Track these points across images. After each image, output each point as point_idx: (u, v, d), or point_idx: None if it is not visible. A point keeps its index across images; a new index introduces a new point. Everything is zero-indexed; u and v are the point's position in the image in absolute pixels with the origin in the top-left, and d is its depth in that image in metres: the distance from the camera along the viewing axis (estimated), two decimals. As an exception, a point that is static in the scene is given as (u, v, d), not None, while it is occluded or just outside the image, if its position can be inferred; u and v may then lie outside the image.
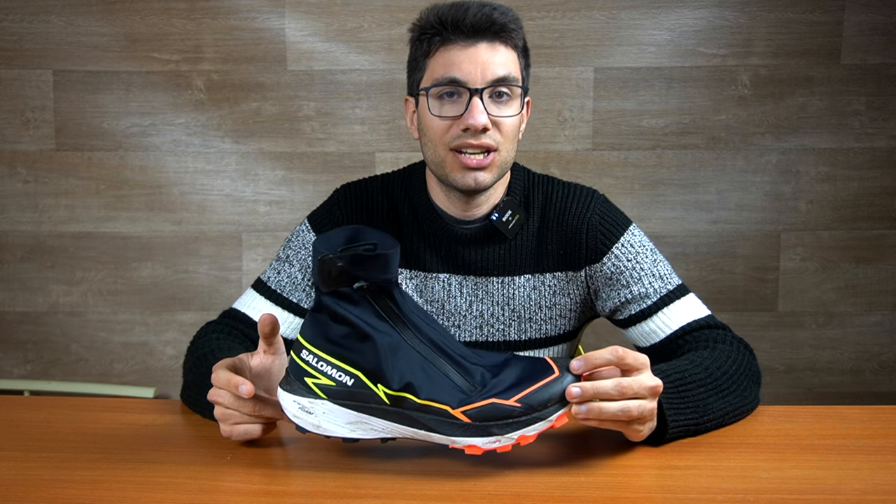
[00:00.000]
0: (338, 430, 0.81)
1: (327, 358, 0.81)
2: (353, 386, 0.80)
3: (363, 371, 0.80)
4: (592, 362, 0.82)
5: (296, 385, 0.82)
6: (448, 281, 1.17)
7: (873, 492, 0.78)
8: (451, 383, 0.79)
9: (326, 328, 0.81)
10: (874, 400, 2.27)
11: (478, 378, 0.80)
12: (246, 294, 1.21)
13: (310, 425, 0.82)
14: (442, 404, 0.78)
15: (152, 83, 2.23)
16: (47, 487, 0.79)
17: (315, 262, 0.80)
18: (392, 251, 0.80)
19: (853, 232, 2.26)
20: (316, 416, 0.81)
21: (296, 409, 0.82)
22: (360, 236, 0.82)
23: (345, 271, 0.79)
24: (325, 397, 0.81)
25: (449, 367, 0.80)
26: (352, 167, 2.26)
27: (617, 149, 2.24)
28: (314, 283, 0.81)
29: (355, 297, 0.80)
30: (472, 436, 0.77)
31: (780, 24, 2.18)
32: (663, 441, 0.89)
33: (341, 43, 2.22)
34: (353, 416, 0.80)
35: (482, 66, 1.05)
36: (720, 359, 1.00)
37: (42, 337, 2.33)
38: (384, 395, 0.79)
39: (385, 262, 0.79)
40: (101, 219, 2.29)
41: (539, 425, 0.78)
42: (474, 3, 1.07)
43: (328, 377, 0.80)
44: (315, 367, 0.81)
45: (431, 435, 0.79)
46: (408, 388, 0.79)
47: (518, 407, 0.77)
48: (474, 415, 0.77)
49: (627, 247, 1.16)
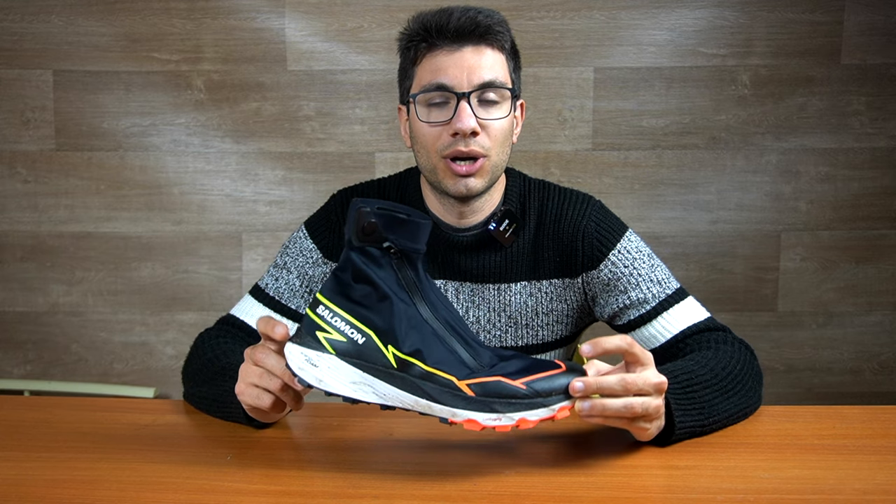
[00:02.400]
0: (340, 387, 0.81)
1: (343, 314, 0.82)
2: (363, 345, 0.81)
3: (376, 331, 0.81)
4: (603, 347, 0.82)
5: (306, 339, 0.83)
6: (444, 287, 1.17)
7: (873, 492, 0.78)
8: (459, 358, 0.80)
9: (347, 287, 0.82)
10: (874, 400, 2.27)
11: (486, 360, 0.81)
12: (243, 301, 1.21)
13: (313, 378, 0.81)
14: (448, 374, 0.79)
15: (152, 83, 2.23)
16: (47, 487, 0.79)
17: (351, 213, 0.82)
18: (424, 222, 0.82)
19: (853, 232, 2.26)
20: (321, 369, 0.81)
21: (301, 360, 0.82)
22: (396, 206, 0.84)
23: (376, 229, 0.80)
24: (333, 352, 0.81)
25: (459, 346, 0.81)
26: (352, 167, 2.26)
27: (617, 149, 2.24)
28: (346, 237, 0.83)
29: (381, 260, 0.82)
30: (474, 409, 0.78)
31: (780, 24, 2.18)
32: (670, 442, 0.89)
33: (341, 43, 2.22)
34: (357, 376, 0.81)
35: (468, 71, 1.05)
36: (724, 360, 1.00)
37: (42, 337, 2.33)
38: (393, 357, 0.80)
39: (415, 231, 0.81)
40: (101, 219, 2.29)
41: (541, 412, 0.78)
42: (458, 8, 1.06)
43: (340, 332, 0.81)
44: (329, 321, 0.82)
45: (433, 406, 0.79)
46: (417, 353, 0.79)
47: (523, 389, 0.78)
48: (479, 389, 0.78)
49: (624, 253, 1.15)
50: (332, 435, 0.95)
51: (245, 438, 0.93)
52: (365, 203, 0.82)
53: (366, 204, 0.81)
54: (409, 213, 0.82)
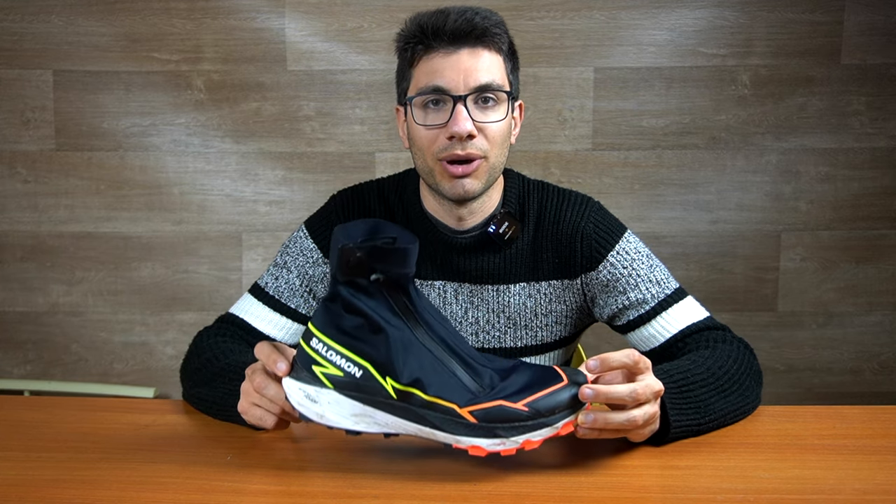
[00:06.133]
0: (342, 421, 0.80)
1: (337, 348, 0.80)
2: (361, 378, 0.79)
3: (373, 363, 0.79)
4: (609, 364, 0.82)
5: (303, 373, 0.82)
6: (444, 288, 1.17)
7: (873, 492, 0.78)
8: (460, 383, 0.79)
9: (339, 318, 0.80)
10: (874, 400, 2.27)
11: (486, 380, 0.80)
12: (243, 299, 1.20)
13: (314, 414, 0.81)
14: (449, 402, 0.78)
15: (152, 83, 2.23)
16: (47, 487, 0.79)
17: (334, 250, 0.80)
18: (411, 246, 0.80)
19: (853, 232, 2.26)
20: (321, 405, 0.80)
21: (301, 396, 0.81)
22: (380, 229, 0.82)
23: (363, 262, 0.78)
24: (331, 387, 0.80)
25: (458, 367, 0.80)
26: (352, 167, 2.26)
27: (617, 149, 2.24)
28: (331, 272, 0.81)
29: (371, 289, 0.80)
30: (477, 436, 0.77)
31: (780, 24, 2.18)
32: (665, 441, 0.89)
33: (341, 43, 2.22)
34: (358, 409, 0.80)
35: (465, 73, 1.04)
36: (721, 359, 1.00)
37: (42, 337, 2.33)
38: (392, 389, 0.79)
39: (403, 257, 0.79)
40: (101, 219, 2.29)
41: (545, 431, 0.78)
42: (455, 9, 1.05)
43: (336, 367, 0.80)
44: (324, 356, 0.81)
45: (436, 433, 0.79)
46: (416, 383, 0.78)
47: (525, 411, 0.77)
48: (481, 415, 0.77)
49: (623, 254, 1.15)
50: (332, 435, 0.94)
51: (245, 438, 0.93)
52: (347, 237, 0.80)
53: (348, 238, 0.80)
54: (394, 238, 0.81)
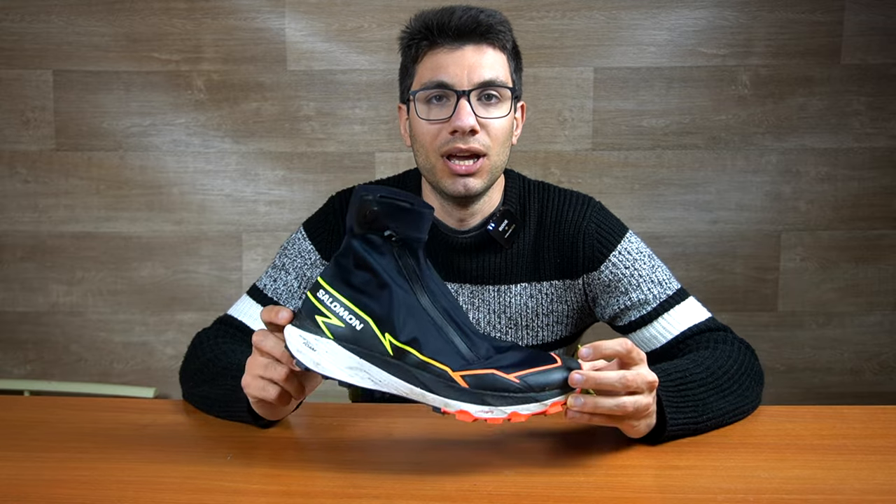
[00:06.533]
0: (336, 371, 0.82)
1: (342, 300, 0.82)
2: (360, 331, 0.81)
3: (374, 318, 0.81)
4: (601, 351, 0.83)
5: (306, 322, 0.83)
6: None
7: (873, 492, 0.78)
8: (456, 349, 0.81)
9: (348, 273, 0.83)
10: (874, 400, 2.27)
11: (482, 351, 0.82)
12: (241, 301, 1.20)
13: (310, 361, 0.82)
14: (443, 365, 0.79)
15: (152, 83, 2.23)
16: (47, 487, 0.79)
17: (353, 201, 0.82)
18: (427, 211, 0.82)
19: (853, 232, 2.26)
20: (318, 353, 0.82)
21: (300, 343, 0.83)
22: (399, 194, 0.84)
23: (378, 217, 0.81)
24: (331, 337, 0.82)
25: (456, 335, 0.82)
26: (352, 167, 2.26)
27: (617, 149, 2.24)
28: (347, 224, 0.84)
29: (383, 248, 0.82)
30: (466, 401, 0.78)
31: (780, 24, 2.18)
32: (662, 439, 0.89)
33: (341, 43, 2.22)
34: (353, 361, 0.81)
35: (469, 69, 1.05)
36: (721, 358, 1.00)
37: (42, 337, 2.33)
38: (389, 345, 0.80)
39: (417, 219, 0.82)
40: (101, 219, 2.29)
41: (533, 406, 0.79)
42: (460, 7, 1.07)
43: (339, 318, 0.82)
44: (328, 306, 0.82)
45: (426, 395, 0.80)
46: (413, 342, 0.80)
47: (516, 383, 0.78)
48: (472, 381, 0.79)
49: (625, 254, 1.15)
50: (333, 435, 0.95)
51: (245, 438, 0.93)
52: (368, 191, 0.82)
53: (368, 192, 0.82)
54: (412, 202, 0.83)
